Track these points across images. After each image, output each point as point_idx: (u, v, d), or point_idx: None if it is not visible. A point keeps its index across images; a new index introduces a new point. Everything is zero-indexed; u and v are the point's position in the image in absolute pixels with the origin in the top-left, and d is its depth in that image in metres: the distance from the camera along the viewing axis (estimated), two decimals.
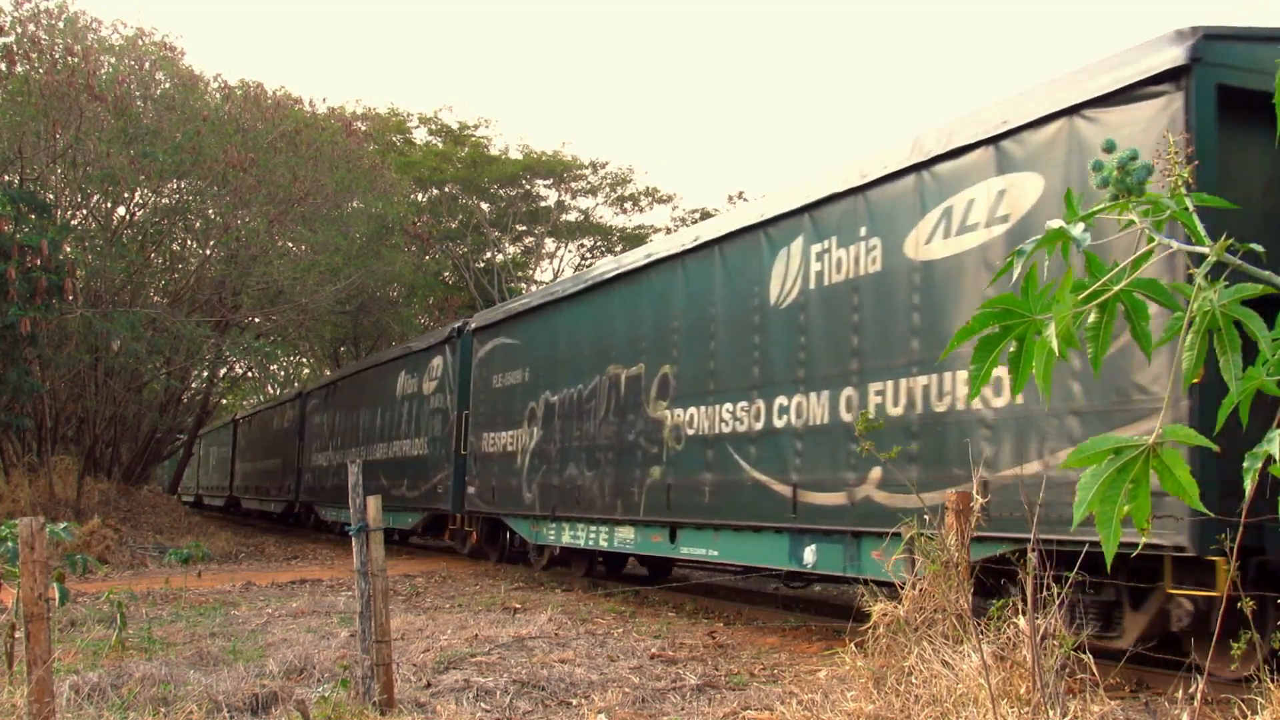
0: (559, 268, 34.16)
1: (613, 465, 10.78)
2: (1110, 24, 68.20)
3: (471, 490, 14.52)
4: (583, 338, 11.89)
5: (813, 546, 7.91)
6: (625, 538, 10.69)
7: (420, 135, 31.48)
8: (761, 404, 8.59)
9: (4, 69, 16.29)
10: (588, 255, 33.65)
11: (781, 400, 8.33)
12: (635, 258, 11.22)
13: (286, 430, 26.06)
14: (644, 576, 13.28)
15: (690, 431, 9.44)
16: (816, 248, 8.09)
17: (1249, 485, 1.53)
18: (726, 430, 8.92)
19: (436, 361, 16.28)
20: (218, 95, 20.63)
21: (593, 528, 11.32)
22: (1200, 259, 1.46)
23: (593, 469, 11.20)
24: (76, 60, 17.01)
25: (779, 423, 8.38)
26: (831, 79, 72.58)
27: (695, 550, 9.57)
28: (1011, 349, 1.50)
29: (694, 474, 9.41)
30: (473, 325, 15.30)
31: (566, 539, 11.95)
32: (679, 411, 9.65)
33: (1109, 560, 1.40)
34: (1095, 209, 1.53)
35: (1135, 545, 1.59)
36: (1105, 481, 1.38)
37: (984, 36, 72.31)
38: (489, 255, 32.37)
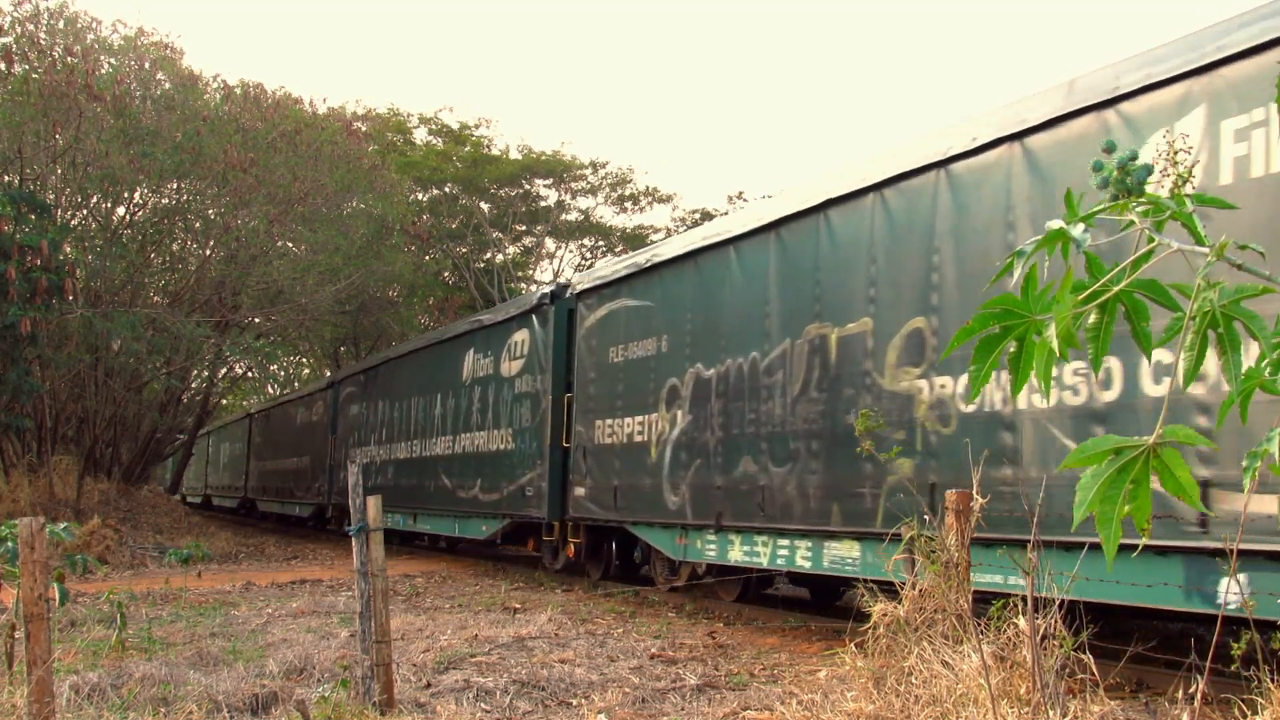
0: (559, 268, 34.19)
1: (820, 458, 8.04)
2: (1109, 24, 68.22)
3: (580, 492, 11.68)
4: (760, 291, 9.01)
5: (1243, 577, 5.11)
6: (845, 556, 7.78)
7: (420, 135, 31.49)
8: (1118, 364, 5.86)
9: (4, 69, 16.28)
10: (588, 255, 33.66)
11: (1145, 361, 5.62)
12: (852, 179, 8.06)
13: (315, 424, 23.55)
14: (802, 600, 11.09)
15: (967, 409, 6.75)
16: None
17: (1248, 484, 1.53)
18: (1045, 405, 6.18)
19: (521, 336, 13.36)
20: (218, 95, 20.62)
21: (784, 541, 8.45)
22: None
23: (783, 464, 8.43)
24: (76, 60, 17.00)
25: (1154, 389, 5.64)
26: (832, 78, 72.58)
27: (994, 579, 6.18)
28: (1011, 349, 1.50)
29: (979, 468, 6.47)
30: (578, 286, 12.28)
31: (737, 555, 9.05)
32: (943, 381, 6.95)
33: (1109, 561, 1.40)
34: (1095, 209, 1.53)
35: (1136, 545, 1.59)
36: (1105, 482, 1.38)
37: (985, 33, 72.32)
38: (489, 255, 32.36)
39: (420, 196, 30.40)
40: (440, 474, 15.58)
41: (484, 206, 31.72)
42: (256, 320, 24.55)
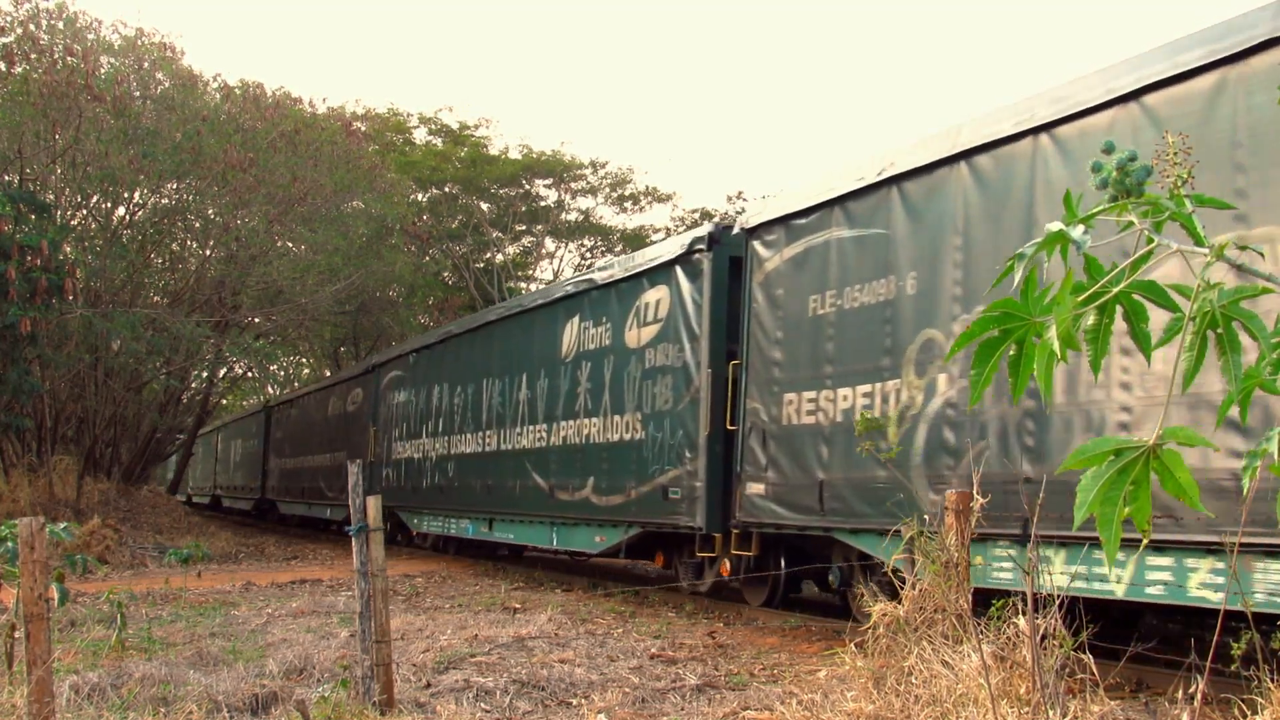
0: (559, 268, 34.21)
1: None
2: (1110, 23, 68.22)
3: (756, 490, 8.90)
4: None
5: None
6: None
7: (420, 135, 31.51)
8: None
9: (4, 69, 16.28)
10: (588, 255, 33.67)
11: None
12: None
13: (351, 415, 20.68)
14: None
15: None
16: None
17: (1247, 483, 1.53)
18: None
19: (655, 296, 10.56)
20: (217, 95, 20.62)
21: (1162, 560, 5.75)
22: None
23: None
24: (76, 60, 17.00)
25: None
26: (831, 78, 72.57)
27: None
28: (1011, 352, 1.50)
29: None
30: (751, 221, 9.39)
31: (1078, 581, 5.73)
32: None
33: (1110, 562, 1.40)
34: (1095, 210, 1.53)
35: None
36: (1106, 483, 1.39)
37: (984, 35, 72.31)
38: (489, 255, 32.37)
39: (420, 196, 30.41)
40: (529, 471, 12.68)
41: (484, 206, 31.73)
42: (256, 320, 24.55)
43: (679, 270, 10.18)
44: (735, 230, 9.72)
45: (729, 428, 9.34)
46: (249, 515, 30.82)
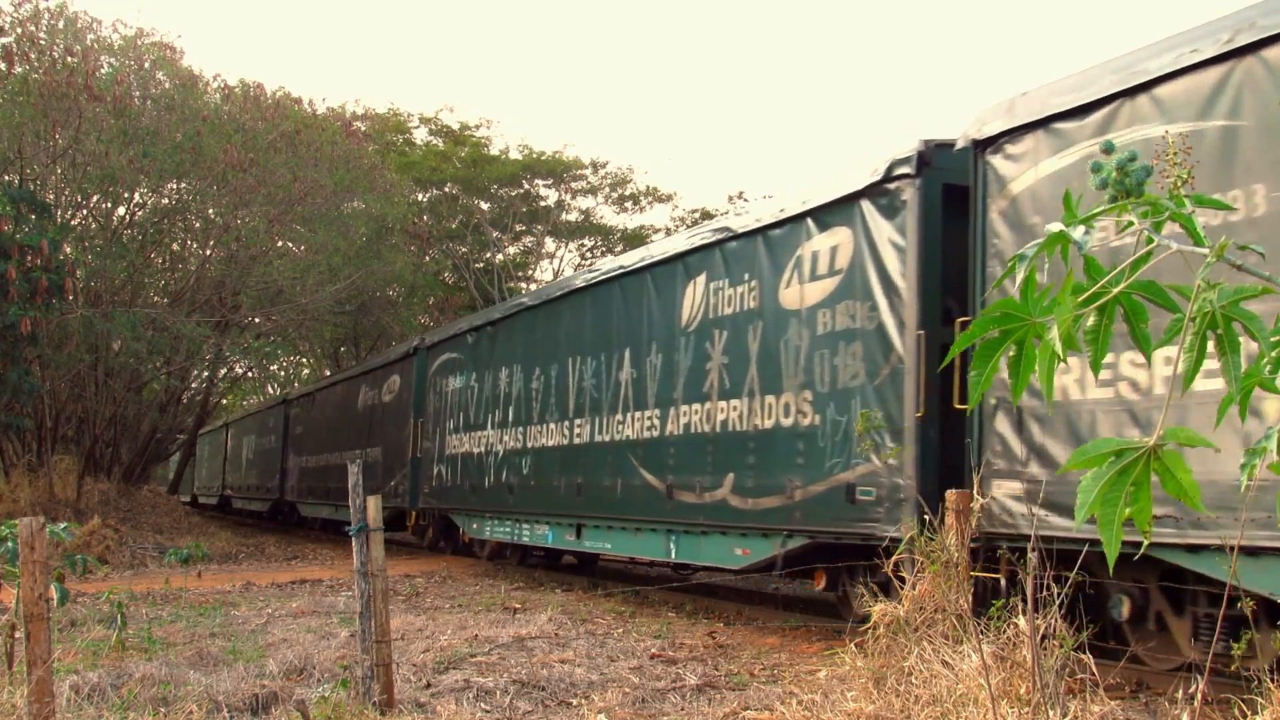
0: (559, 268, 34.21)
1: None
2: (1109, 22, 68.19)
3: (1009, 490, 6.56)
4: None
5: None
6: None
7: (420, 135, 31.53)
8: None
9: (4, 69, 16.29)
10: (588, 255, 33.67)
11: None
12: None
13: (390, 405, 18.30)
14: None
15: None
16: None
17: (1245, 482, 1.53)
18: None
19: (829, 241, 8.31)
20: (217, 95, 20.64)
21: None
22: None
23: None
24: (76, 60, 17.02)
25: None
26: (831, 78, 72.56)
27: None
28: (1011, 353, 1.50)
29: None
30: (986, 129, 7.12)
31: None
32: None
33: (1111, 562, 1.40)
34: (1095, 211, 1.53)
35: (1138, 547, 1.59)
36: (1107, 484, 1.38)
37: (984, 34, 72.29)
38: (489, 255, 32.39)
39: (420, 196, 30.43)
40: (635, 467, 10.44)
41: (484, 206, 31.75)
42: (256, 320, 24.56)
43: (867, 206, 7.78)
44: (959, 145, 7.28)
45: (957, 407, 6.95)
46: (264, 518, 28.71)
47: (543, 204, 32.26)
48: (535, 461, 12.65)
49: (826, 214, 8.26)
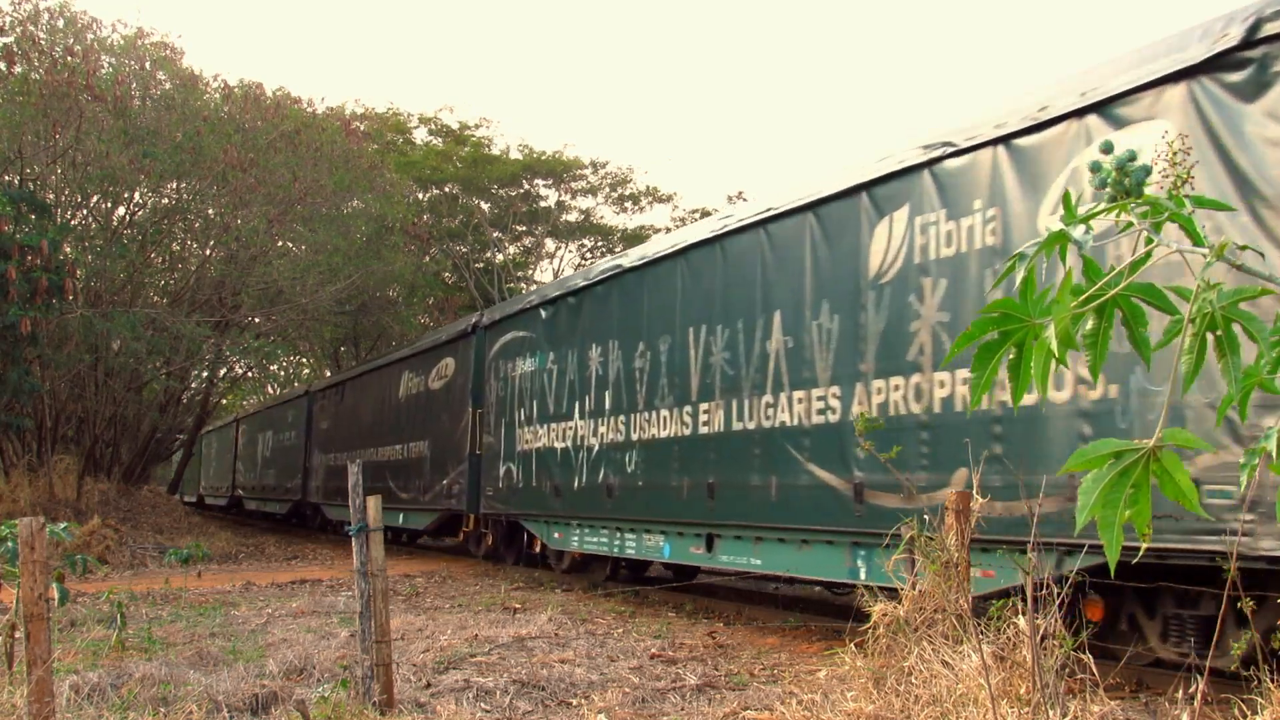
0: (559, 268, 34.22)
1: None
2: (1109, 20, 68.18)
3: None
4: None
5: None
6: None
7: (420, 135, 31.55)
8: None
9: (4, 69, 16.30)
10: (588, 255, 33.68)
11: None
12: None
13: (437, 394, 16.05)
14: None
15: None
16: None
17: (1245, 482, 1.53)
18: None
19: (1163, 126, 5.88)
20: (217, 95, 20.66)
21: None
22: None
23: None
24: (76, 60, 17.03)
25: None
26: (831, 77, 72.53)
27: None
28: (1010, 355, 1.49)
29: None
30: None
31: None
32: None
33: (1112, 565, 1.40)
34: (1094, 210, 1.52)
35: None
36: (1107, 486, 1.38)
37: (984, 31, 72.26)
38: (489, 255, 32.40)
39: (420, 196, 30.45)
40: (800, 462, 8.16)
41: (484, 206, 31.75)
42: (256, 320, 24.57)
43: (1207, 88, 5.64)
44: None
45: None
46: (282, 521, 27.00)
47: (543, 204, 32.27)
48: (644, 457, 10.40)
49: (1126, 105, 6.03)
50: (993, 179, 6.77)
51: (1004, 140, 6.72)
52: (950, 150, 7.06)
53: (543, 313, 12.85)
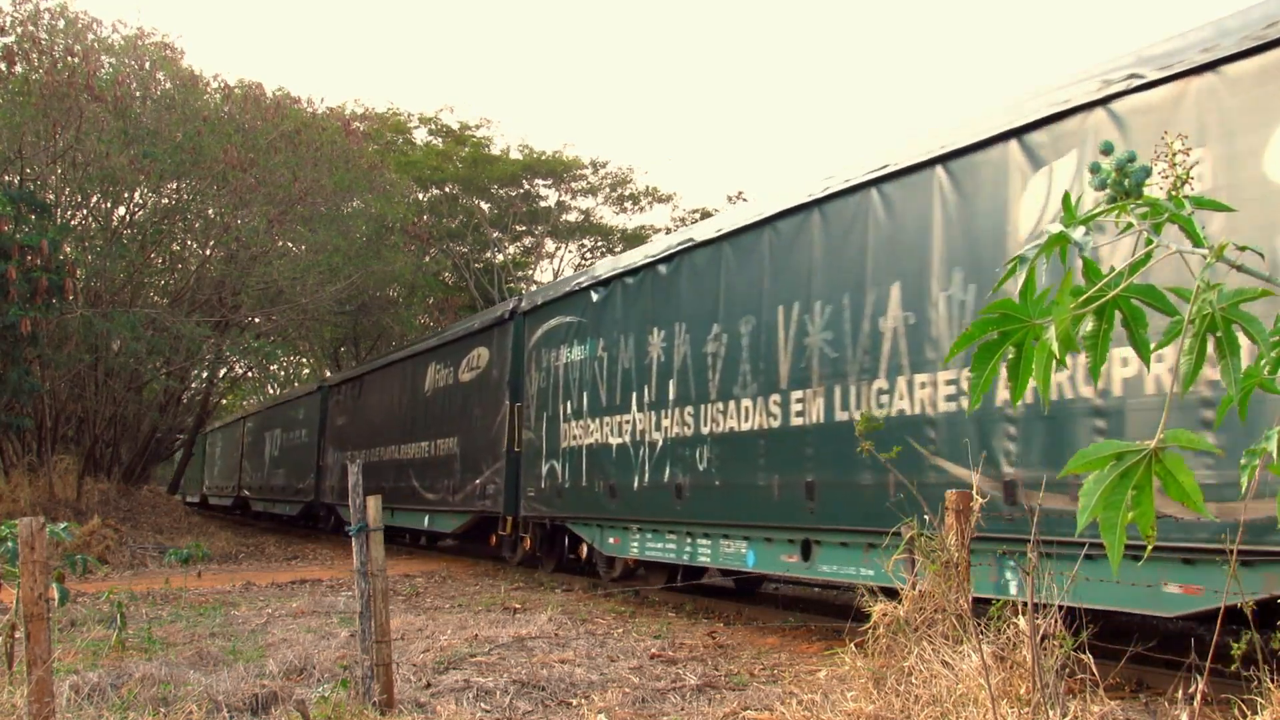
0: (559, 268, 34.23)
1: None
2: (1109, 20, 68.16)
3: None
4: None
5: None
6: None
7: (420, 135, 31.55)
8: None
9: (4, 69, 16.30)
10: (588, 255, 33.69)
11: None
12: None
13: (470, 387, 14.65)
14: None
15: None
16: None
17: (1245, 482, 1.53)
18: None
19: None
20: (217, 95, 20.66)
21: None
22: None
23: None
24: (76, 60, 17.03)
25: None
26: (831, 77, 72.53)
27: None
28: (1010, 356, 1.49)
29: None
30: None
31: None
32: None
33: (1114, 566, 1.40)
34: (1094, 211, 1.52)
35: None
36: (1109, 487, 1.38)
37: (984, 31, 72.26)
38: (489, 255, 32.40)
39: (420, 196, 30.46)
40: (925, 456, 6.99)
41: (484, 206, 31.76)
42: (256, 320, 24.57)
43: None
44: None
45: None
46: (291, 523, 25.78)
47: (543, 204, 32.27)
48: (719, 453, 9.19)
49: None
50: (1199, 115, 5.42)
51: (1210, 68, 5.36)
52: (1138, 82, 5.68)
53: (593, 295, 11.52)
